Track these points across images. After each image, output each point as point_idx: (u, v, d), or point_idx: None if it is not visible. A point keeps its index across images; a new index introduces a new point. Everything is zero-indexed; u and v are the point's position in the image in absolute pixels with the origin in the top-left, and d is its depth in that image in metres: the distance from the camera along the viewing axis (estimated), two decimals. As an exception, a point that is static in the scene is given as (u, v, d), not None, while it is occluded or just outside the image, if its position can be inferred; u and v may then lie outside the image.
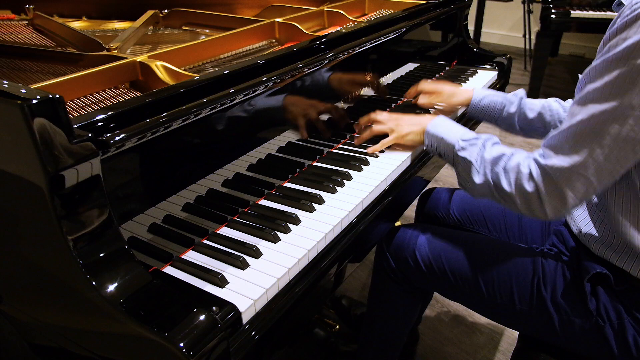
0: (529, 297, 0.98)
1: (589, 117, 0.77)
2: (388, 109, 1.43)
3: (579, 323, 0.93)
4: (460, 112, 1.43)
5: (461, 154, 0.98)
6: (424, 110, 1.42)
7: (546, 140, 0.86)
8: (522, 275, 1.00)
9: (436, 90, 1.38)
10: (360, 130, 1.24)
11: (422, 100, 1.39)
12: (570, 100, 1.25)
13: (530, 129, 1.28)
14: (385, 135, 1.18)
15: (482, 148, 0.96)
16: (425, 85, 1.40)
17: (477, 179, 0.94)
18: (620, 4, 0.87)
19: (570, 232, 1.04)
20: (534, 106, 1.26)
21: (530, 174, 0.85)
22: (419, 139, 1.13)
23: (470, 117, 1.40)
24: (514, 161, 0.89)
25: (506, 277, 1.01)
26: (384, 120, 1.20)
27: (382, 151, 1.18)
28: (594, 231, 0.96)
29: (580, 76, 0.85)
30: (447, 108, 1.39)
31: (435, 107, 1.42)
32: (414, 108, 1.42)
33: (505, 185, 0.89)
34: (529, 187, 0.85)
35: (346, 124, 1.28)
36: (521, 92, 1.31)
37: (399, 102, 1.48)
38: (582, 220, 1.00)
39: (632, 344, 0.89)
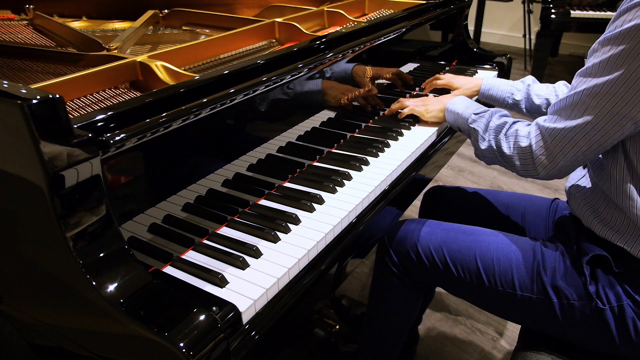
0: (530, 282, 0.99)
1: (588, 87, 0.85)
2: (382, 113, 1.43)
3: (579, 307, 0.94)
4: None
5: (472, 125, 1.12)
6: None
7: (550, 107, 0.95)
8: (522, 262, 1.02)
9: (449, 83, 1.50)
10: (390, 111, 1.38)
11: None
12: None
13: (537, 112, 1.33)
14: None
15: (489, 119, 1.09)
16: (439, 81, 1.52)
17: (483, 145, 1.08)
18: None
19: (572, 221, 1.05)
20: (541, 92, 1.31)
21: (528, 135, 0.97)
22: (441, 115, 1.29)
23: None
24: (514, 127, 1.01)
25: (507, 264, 1.03)
26: (413, 100, 1.35)
27: (382, 151, 1.19)
28: (597, 212, 0.97)
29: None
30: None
31: None
32: None
33: (505, 148, 1.01)
34: (523, 143, 0.97)
35: (346, 123, 1.28)
36: (530, 79, 1.38)
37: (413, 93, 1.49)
38: (587, 202, 1.00)
39: (632, 327, 0.90)
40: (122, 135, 0.70)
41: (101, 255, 0.66)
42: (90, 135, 0.64)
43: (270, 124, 1.05)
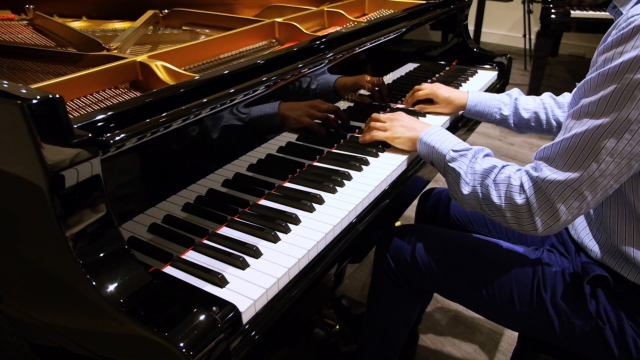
0: (529, 299, 0.98)
1: (584, 131, 0.77)
2: (387, 110, 1.43)
3: (579, 325, 0.93)
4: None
5: (451, 164, 0.97)
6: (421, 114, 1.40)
7: (539, 153, 0.85)
8: (522, 278, 1.00)
9: (431, 93, 1.38)
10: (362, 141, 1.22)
11: (419, 108, 1.40)
12: (564, 94, 1.27)
13: (526, 126, 1.30)
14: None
15: (473, 160, 0.95)
16: (420, 92, 1.39)
17: (465, 189, 0.93)
18: (615, 8, 0.87)
19: (570, 234, 1.04)
20: (529, 106, 1.28)
21: (522, 186, 0.85)
22: (410, 145, 1.13)
23: (468, 119, 1.43)
24: (505, 174, 0.88)
25: (506, 279, 1.01)
26: (383, 119, 1.20)
27: (382, 151, 1.19)
28: (592, 238, 0.96)
29: (576, 86, 0.85)
30: (445, 113, 1.40)
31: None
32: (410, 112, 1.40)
33: (494, 197, 0.88)
34: (519, 199, 0.84)
35: (347, 124, 1.28)
36: (515, 92, 1.33)
37: (394, 105, 1.48)
38: (580, 225, 1.00)
39: (632, 345, 0.89)
40: (122, 135, 0.70)
41: (101, 255, 0.66)
42: (90, 135, 0.64)
43: (270, 124, 1.05)
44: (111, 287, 0.65)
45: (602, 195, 0.80)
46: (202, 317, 0.64)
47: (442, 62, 1.82)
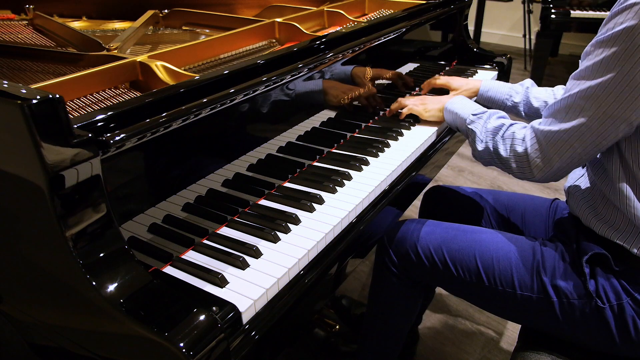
0: (530, 282, 0.99)
1: (582, 89, 0.86)
2: (382, 113, 1.43)
3: (579, 306, 0.94)
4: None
5: (470, 126, 1.13)
6: None
7: (544, 110, 0.96)
8: (522, 261, 1.02)
9: (447, 84, 1.50)
10: (390, 112, 1.40)
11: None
12: None
13: (536, 115, 1.33)
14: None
15: (487, 120, 1.10)
16: (437, 81, 1.52)
17: (479, 146, 1.09)
18: None
19: (572, 221, 1.05)
20: (540, 95, 1.32)
21: (523, 139, 0.98)
22: (440, 115, 1.29)
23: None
24: (511, 130, 1.02)
25: (507, 264, 1.03)
26: (412, 100, 1.36)
27: (382, 151, 1.19)
28: (596, 211, 0.98)
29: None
30: None
31: None
32: None
33: (502, 151, 1.02)
34: (519, 149, 0.98)
35: (346, 123, 1.28)
36: (528, 82, 1.38)
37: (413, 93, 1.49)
38: (585, 201, 1.01)
39: (631, 325, 0.91)
40: (122, 135, 0.70)
41: (101, 255, 0.66)
42: (90, 135, 0.64)
43: (270, 124, 1.05)
44: (111, 287, 0.65)
45: (592, 149, 0.89)
46: (202, 317, 0.64)
47: (442, 62, 1.82)
